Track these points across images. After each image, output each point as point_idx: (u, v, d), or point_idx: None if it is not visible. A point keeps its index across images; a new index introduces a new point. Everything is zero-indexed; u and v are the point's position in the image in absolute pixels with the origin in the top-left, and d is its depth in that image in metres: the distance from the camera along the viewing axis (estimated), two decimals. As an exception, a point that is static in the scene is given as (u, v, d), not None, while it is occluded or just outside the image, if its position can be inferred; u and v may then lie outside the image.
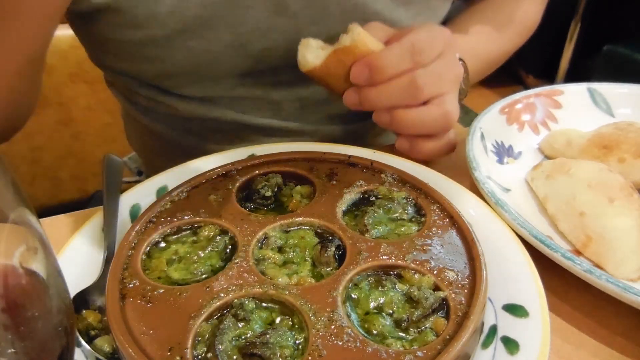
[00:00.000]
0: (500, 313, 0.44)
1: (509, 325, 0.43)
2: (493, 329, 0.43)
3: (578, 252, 0.52)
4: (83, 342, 0.41)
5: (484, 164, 0.62)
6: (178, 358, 0.37)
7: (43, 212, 0.52)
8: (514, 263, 0.48)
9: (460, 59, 0.71)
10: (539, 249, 0.50)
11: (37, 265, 0.27)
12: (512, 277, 0.46)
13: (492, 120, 0.71)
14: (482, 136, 0.68)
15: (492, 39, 0.87)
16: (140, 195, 0.57)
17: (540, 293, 0.44)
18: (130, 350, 0.37)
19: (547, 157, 0.69)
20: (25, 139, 1.05)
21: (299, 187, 0.56)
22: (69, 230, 0.51)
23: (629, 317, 0.48)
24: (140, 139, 0.91)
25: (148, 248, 0.48)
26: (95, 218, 0.53)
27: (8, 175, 0.25)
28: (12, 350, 0.25)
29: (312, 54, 0.64)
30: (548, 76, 2.92)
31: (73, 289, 0.45)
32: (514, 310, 0.44)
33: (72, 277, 0.47)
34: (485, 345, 0.42)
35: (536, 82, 3.01)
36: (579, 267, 0.47)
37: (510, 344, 0.41)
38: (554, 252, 0.49)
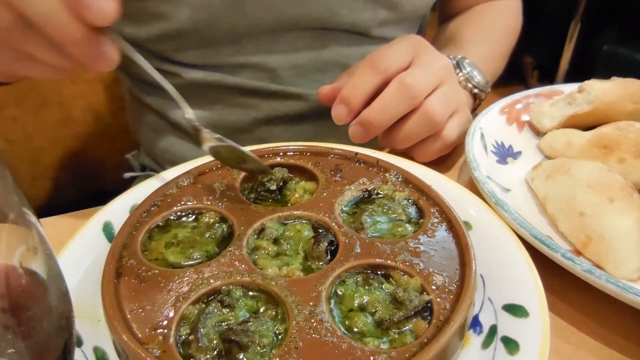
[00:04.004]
0: (500, 313, 0.44)
1: (509, 325, 0.43)
2: (493, 329, 0.43)
3: (578, 252, 0.52)
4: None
5: (484, 164, 0.62)
6: (160, 338, 0.38)
7: (43, 212, 0.52)
8: (514, 263, 0.48)
9: (476, 67, 0.76)
10: (539, 249, 0.50)
11: (37, 265, 0.27)
12: (512, 277, 0.46)
13: (492, 120, 0.71)
14: (482, 136, 0.68)
15: (495, 46, 0.91)
16: (141, 195, 0.57)
17: (540, 293, 0.44)
18: (116, 324, 0.39)
19: (547, 157, 0.69)
20: (25, 140, 1.05)
21: (303, 182, 0.57)
22: (69, 230, 0.51)
23: (629, 317, 0.48)
24: (144, 122, 0.93)
25: (150, 230, 0.49)
26: (95, 218, 0.53)
27: (8, 175, 0.25)
28: (13, 350, 0.25)
29: (547, 118, 0.70)
30: (548, 76, 2.92)
31: (73, 290, 0.45)
32: (514, 310, 0.44)
33: (72, 277, 0.47)
34: (485, 345, 0.42)
35: (536, 82, 3.01)
36: (579, 267, 0.47)
37: (510, 344, 0.41)
38: (554, 252, 0.49)
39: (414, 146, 0.67)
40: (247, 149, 0.62)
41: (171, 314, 0.40)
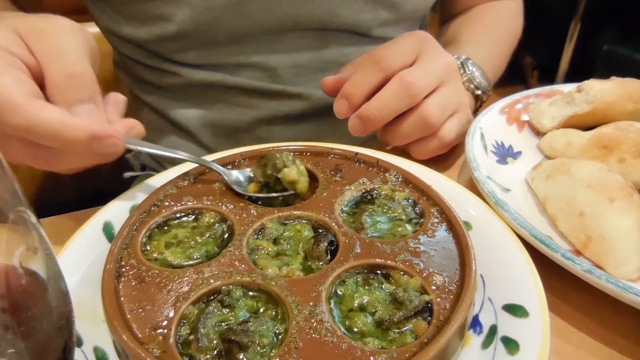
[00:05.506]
0: (500, 313, 0.44)
1: (509, 325, 0.43)
2: (493, 329, 0.43)
3: (578, 252, 0.52)
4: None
5: (484, 164, 0.62)
6: (160, 338, 0.38)
7: (43, 212, 0.52)
8: (514, 263, 0.48)
9: (479, 68, 0.76)
10: (539, 249, 0.50)
11: (37, 265, 0.27)
12: (512, 277, 0.46)
13: (492, 120, 0.71)
14: (482, 136, 0.68)
15: (496, 47, 0.92)
16: (141, 195, 0.57)
17: (540, 293, 0.44)
18: (116, 324, 0.39)
19: (547, 157, 0.69)
20: (25, 139, 1.05)
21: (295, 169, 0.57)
22: (69, 230, 0.51)
23: (629, 317, 0.48)
24: (144, 121, 0.93)
25: (150, 230, 0.49)
26: (95, 218, 0.53)
27: (8, 175, 0.25)
28: (13, 350, 0.25)
29: (546, 118, 0.70)
30: (548, 76, 2.92)
31: (73, 290, 0.45)
32: (514, 310, 0.44)
33: (72, 277, 0.47)
34: (485, 345, 0.42)
35: (536, 82, 3.01)
36: (579, 267, 0.47)
37: (510, 344, 0.41)
38: (554, 252, 0.49)
39: (411, 143, 0.68)
40: (247, 148, 0.62)
41: (171, 314, 0.40)
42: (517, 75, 3.09)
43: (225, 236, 0.49)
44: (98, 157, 0.51)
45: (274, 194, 0.55)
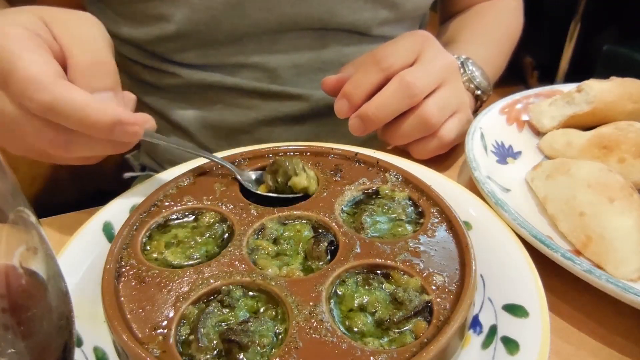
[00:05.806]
0: (500, 313, 0.44)
1: (509, 325, 0.43)
2: (493, 329, 0.43)
3: (578, 252, 0.52)
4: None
5: (484, 164, 0.62)
6: (160, 338, 0.39)
7: (43, 212, 0.52)
8: (514, 263, 0.48)
9: (480, 68, 0.76)
10: (539, 249, 0.50)
11: (37, 265, 0.27)
12: (512, 277, 0.46)
13: (492, 120, 0.71)
14: (482, 136, 0.68)
15: (496, 46, 0.92)
16: (141, 195, 0.57)
17: (540, 293, 0.44)
18: (116, 324, 0.39)
19: (547, 157, 0.69)
20: (25, 139, 1.05)
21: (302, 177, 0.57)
22: (69, 230, 0.51)
23: (629, 317, 0.48)
24: None
25: (150, 230, 0.50)
26: (95, 218, 0.53)
27: (8, 175, 0.25)
28: (13, 350, 0.25)
29: (546, 118, 0.70)
30: (548, 76, 2.92)
31: (73, 290, 0.45)
32: (514, 310, 0.44)
33: (72, 277, 0.47)
34: (485, 345, 0.42)
35: (536, 82, 3.01)
36: (579, 267, 0.47)
37: (510, 344, 0.41)
38: (554, 252, 0.49)
39: (411, 143, 0.68)
40: (247, 148, 0.62)
41: (171, 314, 0.40)
42: (517, 75, 3.08)
43: (225, 236, 0.49)
44: (113, 147, 0.51)
45: (285, 196, 0.55)
